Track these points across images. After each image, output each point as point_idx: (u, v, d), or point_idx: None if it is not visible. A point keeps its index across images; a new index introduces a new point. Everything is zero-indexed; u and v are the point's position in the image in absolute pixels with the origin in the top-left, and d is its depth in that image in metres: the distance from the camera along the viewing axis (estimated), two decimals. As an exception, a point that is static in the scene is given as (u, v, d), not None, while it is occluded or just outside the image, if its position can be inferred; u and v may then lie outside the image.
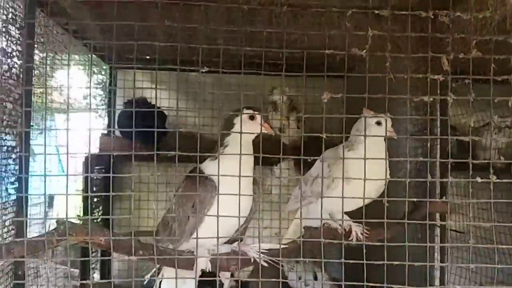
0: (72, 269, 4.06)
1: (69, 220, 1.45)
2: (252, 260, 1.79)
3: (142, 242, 1.58)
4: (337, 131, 1.75)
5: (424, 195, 2.18)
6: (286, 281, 3.30)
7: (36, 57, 2.79)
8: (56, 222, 1.47)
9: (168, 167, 2.78)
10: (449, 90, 1.70)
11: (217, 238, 1.60)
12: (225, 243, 1.85)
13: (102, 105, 4.77)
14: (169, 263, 1.67)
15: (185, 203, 1.78)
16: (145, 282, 1.90)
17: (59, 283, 3.85)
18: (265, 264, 1.77)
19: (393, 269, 1.69)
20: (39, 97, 3.89)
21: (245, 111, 1.84)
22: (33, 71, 2.63)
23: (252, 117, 1.84)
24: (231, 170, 1.65)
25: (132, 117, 1.63)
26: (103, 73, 4.76)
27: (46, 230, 1.53)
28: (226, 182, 1.69)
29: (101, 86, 4.83)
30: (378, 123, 2.02)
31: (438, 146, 2.66)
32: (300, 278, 3.27)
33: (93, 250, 3.54)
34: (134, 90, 3.27)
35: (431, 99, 1.76)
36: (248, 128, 1.80)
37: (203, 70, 1.60)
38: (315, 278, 3.28)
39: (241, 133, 1.71)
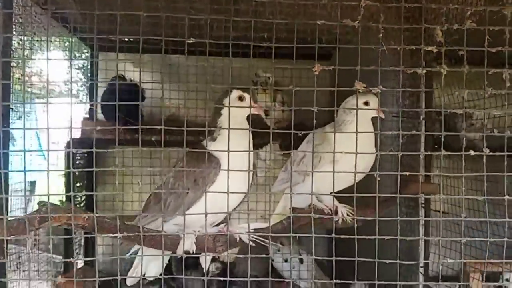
0: (55, 255, 4.03)
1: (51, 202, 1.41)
2: (237, 240, 1.78)
3: (125, 223, 1.56)
4: (324, 113, 1.74)
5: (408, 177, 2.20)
6: (272, 263, 3.32)
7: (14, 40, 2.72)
8: (38, 203, 1.44)
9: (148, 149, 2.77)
10: (443, 62, 1.69)
11: (204, 215, 1.58)
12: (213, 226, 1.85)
13: (83, 90, 4.70)
14: (154, 244, 1.64)
15: (186, 177, 1.76)
16: (127, 255, 1.90)
17: (42, 269, 3.83)
18: (253, 244, 1.76)
19: (380, 251, 1.71)
20: (18, 79, 3.81)
21: (234, 92, 1.83)
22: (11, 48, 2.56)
23: (241, 98, 1.84)
24: (233, 147, 1.63)
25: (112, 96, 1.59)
26: (83, 57, 4.69)
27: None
28: (229, 161, 1.66)
29: (82, 70, 4.77)
30: (366, 103, 2.01)
31: (423, 128, 2.66)
32: (286, 261, 3.28)
33: (76, 236, 3.53)
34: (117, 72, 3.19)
35: (422, 76, 1.77)
36: (237, 109, 1.79)
37: (190, 41, 1.55)
38: (301, 261, 3.30)
39: (229, 107, 1.72)
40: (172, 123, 1.78)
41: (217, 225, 1.88)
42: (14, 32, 2.65)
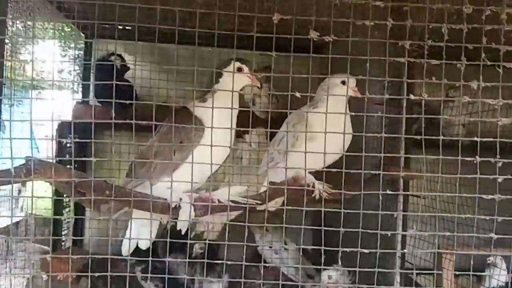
0: (42, 246, 4.07)
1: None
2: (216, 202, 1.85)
3: (110, 183, 1.63)
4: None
5: (389, 162, 2.28)
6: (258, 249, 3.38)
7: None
8: (25, 158, 1.51)
9: (141, 136, 2.82)
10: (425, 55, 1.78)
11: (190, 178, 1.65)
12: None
13: (77, 80, 4.73)
14: (144, 207, 1.71)
15: (170, 139, 1.81)
16: (115, 217, 1.93)
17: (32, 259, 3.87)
18: (232, 204, 1.83)
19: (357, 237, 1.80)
20: (11, 71, 3.86)
21: (234, 62, 1.94)
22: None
23: (239, 69, 1.93)
24: (219, 113, 1.73)
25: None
26: (78, 47, 4.73)
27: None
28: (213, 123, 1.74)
29: (76, 60, 4.80)
30: (343, 83, 2.10)
31: (404, 119, 2.74)
32: (270, 247, 3.35)
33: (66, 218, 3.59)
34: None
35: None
36: (235, 79, 1.87)
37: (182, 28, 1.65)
38: (285, 247, 3.37)
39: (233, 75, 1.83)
40: (162, 112, 1.86)
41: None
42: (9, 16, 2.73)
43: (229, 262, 1.78)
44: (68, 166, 3.49)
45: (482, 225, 1.86)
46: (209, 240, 2.86)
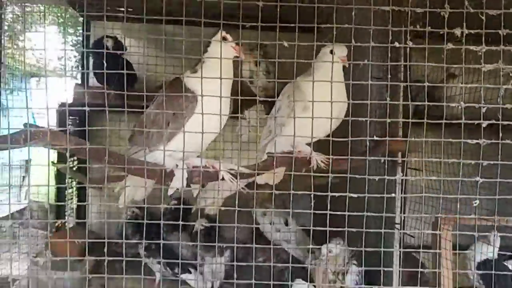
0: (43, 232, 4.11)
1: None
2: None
3: (107, 149, 1.65)
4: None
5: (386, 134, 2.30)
6: (258, 226, 3.41)
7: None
8: (24, 125, 1.53)
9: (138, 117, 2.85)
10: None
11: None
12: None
13: (77, 67, 4.76)
14: (140, 172, 1.74)
15: (166, 109, 1.82)
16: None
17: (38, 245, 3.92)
18: (226, 178, 1.85)
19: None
20: (11, 57, 3.89)
21: (220, 32, 1.94)
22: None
23: (224, 38, 1.94)
24: (211, 82, 1.74)
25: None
26: (77, 34, 4.77)
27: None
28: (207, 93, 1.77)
29: (76, 47, 4.84)
30: (332, 52, 2.10)
31: (401, 90, 2.75)
32: (271, 224, 3.38)
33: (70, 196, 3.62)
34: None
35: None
36: (222, 49, 1.85)
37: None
38: (286, 224, 3.40)
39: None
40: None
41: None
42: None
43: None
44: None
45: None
46: (210, 216, 2.90)
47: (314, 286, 2.43)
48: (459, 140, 1.87)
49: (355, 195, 1.79)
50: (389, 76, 2.24)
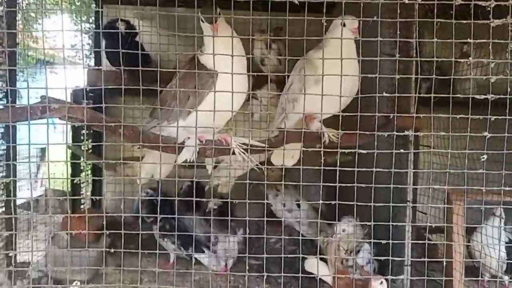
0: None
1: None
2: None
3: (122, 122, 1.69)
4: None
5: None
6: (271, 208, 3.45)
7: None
8: (41, 97, 1.57)
9: (153, 100, 2.88)
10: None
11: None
12: None
13: (90, 54, 4.79)
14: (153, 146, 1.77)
15: (186, 84, 1.89)
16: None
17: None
18: (239, 155, 1.87)
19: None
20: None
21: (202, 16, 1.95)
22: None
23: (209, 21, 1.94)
24: (221, 58, 1.78)
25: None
26: (90, 21, 4.78)
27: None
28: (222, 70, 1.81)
29: (89, 35, 4.86)
30: (343, 24, 2.10)
31: (413, 68, 2.73)
32: (284, 205, 3.40)
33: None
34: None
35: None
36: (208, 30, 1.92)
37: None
38: (298, 206, 3.42)
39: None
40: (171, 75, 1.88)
41: None
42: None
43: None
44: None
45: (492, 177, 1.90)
46: (223, 195, 2.92)
47: (326, 262, 2.44)
48: (467, 116, 1.86)
49: (363, 170, 1.79)
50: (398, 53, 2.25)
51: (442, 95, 1.91)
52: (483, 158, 1.80)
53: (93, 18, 4.42)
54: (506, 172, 1.90)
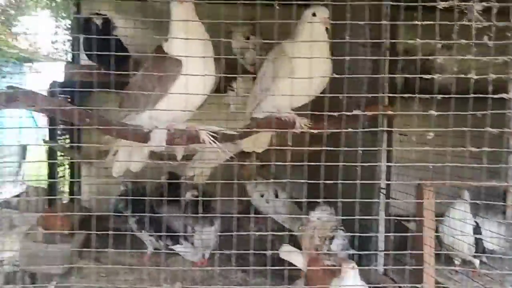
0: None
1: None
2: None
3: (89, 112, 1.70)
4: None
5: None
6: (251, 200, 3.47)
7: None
8: (7, 87, 1.57)
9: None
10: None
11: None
12: None
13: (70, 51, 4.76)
14: (126, 136, 1.79)
15: (151, 76, 1.87)
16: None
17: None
18: (206, 140, 1.90)
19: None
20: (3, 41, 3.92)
21: None
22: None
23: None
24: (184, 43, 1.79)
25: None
26: (71, 18, 4.75)
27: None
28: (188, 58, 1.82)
29: (69, 31, 4.83)
30: (314, 14, 2.12)
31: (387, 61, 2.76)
32: (262, 196, 3.44)
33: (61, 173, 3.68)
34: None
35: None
36: (178, 11, 1.92)
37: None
38: (276, 196, 3.46)
39: None
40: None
41: None
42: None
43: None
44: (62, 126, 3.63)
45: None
46: (198, 186, 2.94)
47: (301, 250, 2.48)
48: (428, 113, 1.87)
49: (332, 149, 1.81)
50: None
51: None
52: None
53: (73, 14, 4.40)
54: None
